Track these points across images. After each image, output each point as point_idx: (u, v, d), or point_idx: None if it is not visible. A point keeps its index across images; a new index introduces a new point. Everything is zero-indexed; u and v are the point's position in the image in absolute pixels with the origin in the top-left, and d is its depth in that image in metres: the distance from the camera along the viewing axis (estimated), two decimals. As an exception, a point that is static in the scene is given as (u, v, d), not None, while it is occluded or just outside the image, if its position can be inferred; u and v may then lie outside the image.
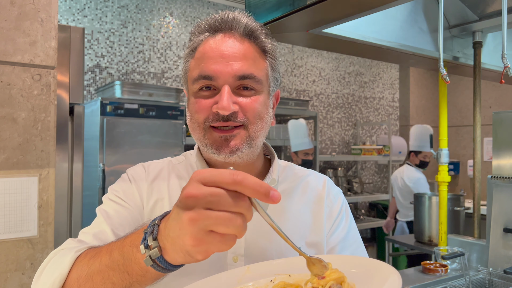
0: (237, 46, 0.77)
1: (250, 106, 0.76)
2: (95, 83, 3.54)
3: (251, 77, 0.76)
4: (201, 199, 0.47)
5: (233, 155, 0.76)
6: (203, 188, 0.47)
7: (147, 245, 0.54)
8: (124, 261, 0.58)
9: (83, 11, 3.49)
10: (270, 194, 0.47)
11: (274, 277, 0.66)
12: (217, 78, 0.75)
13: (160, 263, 0.54)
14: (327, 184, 0.92)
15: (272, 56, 0.82)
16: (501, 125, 2.09)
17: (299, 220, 0.86)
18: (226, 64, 0.75)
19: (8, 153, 1.25)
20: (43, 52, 1.31)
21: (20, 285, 1.27)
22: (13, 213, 1.25)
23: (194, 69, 0.79)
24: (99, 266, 0.61)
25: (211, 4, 4.18)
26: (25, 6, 1.28)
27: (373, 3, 1.54)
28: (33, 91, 1.30)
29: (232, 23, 0.78)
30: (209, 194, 0.47)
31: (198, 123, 0.77)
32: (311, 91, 4.94)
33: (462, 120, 5.44)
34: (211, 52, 0.76)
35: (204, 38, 0.79)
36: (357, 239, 0.90)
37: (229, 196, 0.47)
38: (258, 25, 0.80)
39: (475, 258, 2.13)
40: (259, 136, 0.79)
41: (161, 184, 0.85)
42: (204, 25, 0.80)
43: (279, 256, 0.80)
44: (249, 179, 0.47)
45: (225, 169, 0.48)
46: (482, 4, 2.12)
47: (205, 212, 0.47)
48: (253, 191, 0.47)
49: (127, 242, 0.59)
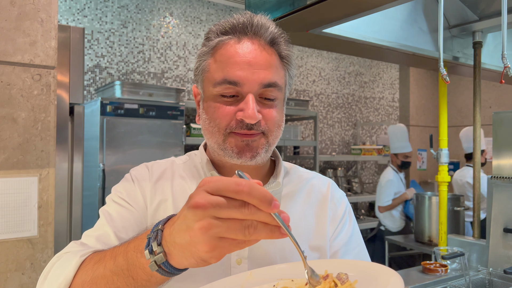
0: (263, 54, 0.76)
1: (271, 115, 0.77)
2: (95, 83, 3.54)
3: (274, 85, 0.77)
4: (208, 208, 0.48)
5: (252, 159, 0.77)
6: (209, 198, 0.49)
7: (152, 251, 0.54)
8: (128, 266, 0.58)
9: (83, 11, 3.49)
10: (272, 204, 0.48)
11: (276, 282, 0.66)
12: (243, 84, 0.74)
13: (165, 267, 0.55)
14: (331, 187, 0.93)
15: (289, 62, 0.82)
16: (501, 125, 2.09)
17: (302, 223, 0.86)
18: (252, 71, 0.74)
19: (8, 153, 1.25)
20: (43, 52, 1.31)
21: (20, 285, 1.27)
22: (13, 213, 1.25)
23: (216, 71, 0.77)
24: (104, 271, 0.61)
25: (211, 4, 4.18)
26: (25, 6, 1.28)
27: (373, 3, 1.54)
28: (33, 91, 1.30)
29: (259, 29, 0.77)
30: (216, 204, 0.48)
31: (219, 128, 0.77)
32: (311, 91, 4.94)
33: (462, 120, 5.44)
34: (237, 57, 0.75)
35: (228, 39, 0.77)
36: (360, 243, 0.90)
37: (235, 205, 0.48)
38: (280, 32, 0.80)
39: (475, 258, 2.13)
40: (275, 142, 0.81)
41: (164, 185, 0.84)
42: (228, 25, 0.78)
43: (282, 259, 0.80)
44: (254, 190, 0.48)
45: (232, 176, 0.50)
46: (482, 4, 2.12)
47: (214, 221, 0.48)
48: (257, 201, 0.48)
49: (131, 247, 0.59)
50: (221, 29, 0.79)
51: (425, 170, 5.62)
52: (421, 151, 5.60)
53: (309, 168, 4.27)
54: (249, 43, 0.76)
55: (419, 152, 5.58)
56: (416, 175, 5.57)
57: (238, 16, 0.79)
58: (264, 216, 0.49)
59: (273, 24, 0.79)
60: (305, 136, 4.82)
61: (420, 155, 5.58)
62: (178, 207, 0.82)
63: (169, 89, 3.12)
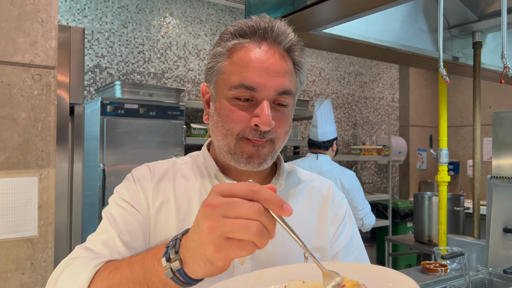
0: (281, 62, 0.76)
1: (282, 123, 0.78)
2: (95, 83, 3.54)
3: (289, 93, 0.77)
4: (217, 207, 0.50)
5: (260, 166, 0.77)
6: (221, 199, 0.50)
7: (169, 258, 0.56)
8: (145, 274, 0.59)
9: (83, 11, 3.50)
10: (284, 207, 0.51)
11: (288, 283, 0.65)
12: (260, 91, 0.74)
13: (180, 275, 0.55)
14: (332, 189, 0.93)
15: (301, 69, 0.82)
16: (500, 125, 2.09)
17: (303, 224, 0.86)
18: (270, 78, 0.74)
19: (8, 153, 1.25)
20: (43, 52, 1.31)
21: (20, 285, 1.27)
22: (13, 213, 1.25)
23: (232, 74, 0.76)
24: (120, 279, 0.62)
25: (211, 4, 4.18)
26: (25, 6, 1.28)
27: (373, 3, 1.55)
28: (33, 91, 1.30)
29: (279, 36, 0.77)
30: (226, 203, 0.50)
31: (232, 132, 0.77)
32: (311, 91, 4.94)
33: (461, 120, 5.44)
34: (256, 62, 0.75)
35: (247, 43, 0.76)
36: (360, 245, 0.91)
37: (244, 204, 0.50)
38: (298, 40, 0.80)
39: (474, 258, 2.13)
40: (281, 148, 0.82)
41: (166, 185, 0.84)
42: (248, 29, 0.77)
43: (285, 259, 0.80)
44: (265, 191, 0.50)
45: (244, 182, 0.52)
46: (482, 4, 2.12)
47: (222, 219, 0.49)
48: (268, 202, 0.50)
49: (148, 255, 0.60)
50: (240, 31, 0.78)
51: (425, 170, 5.62)
52: (421, 151, 5.60)
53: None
54: (268, 49, 0.76)
55: (418, 152, 5.58)
56: (415, 175, 5.58)
57: (257, 19, 0.78)
58: (271, 219, 0.51)
59: (292, 32, 0.79)
60: (305, 136, 4.83)
61: (419, 155, 5.58)
62: (180, 208, 0.82)
63: (169, 89, 3.12)
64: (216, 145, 0.83)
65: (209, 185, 0.85)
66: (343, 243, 0.88)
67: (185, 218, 0.81)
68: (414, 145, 5.57)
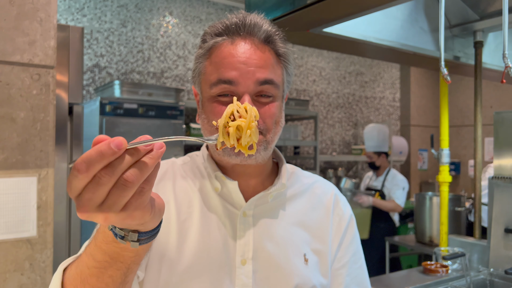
0: (257, 53, 0.77)
1: (268, 113, 0.77)
2: (94, 83, 3.53)
3: (271, 82, 0.77)
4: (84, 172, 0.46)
5: (251, 157, 0.76)
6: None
7: (122, 236, 0.55)
8: (111, 254, 0.58)
9: (82, 11, 3.49)
10: (112, 145, 0.45)
11: None
12: (238, 83, 0.75)
13: (142, 237, 0.55)
14: (335, 193, 0.94)
15: (286, 60, 0.82)
16: (502, 125, 2.08)
17: (304, 225, 0.86)
18: (247, 70, 0.75)
19: (7, 153, 1.25)
20: (42, 52, 1.30)
21: (19, 285, 1.26)
22: (12, 213, 1.25)
23: (212, 73, 0.78)
24: (89, 270, 0.61)
25: (210, 3, 4.17)
26: (24, 5, 1.27)
27: (373, 2, 1.54)
28: (32, 90, 1.29)
29: (252, 29, 0.78)
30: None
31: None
32: (311, 91, 4.93)
33: (463, 120, 5.43)
34: (231, 57, 0.76)
35: (222, 41, 0.78)
36: (361, 250, 0.93)
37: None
38: (275, 30, 0.81)
39: (476, 258, 2.12)
40: (274, 139, 0.81)
41: (166, 186, 0.84)
42: (221, 27, 0.79)
43: (286, 260, 0.81)
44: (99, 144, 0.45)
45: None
46: (483, 3, 2.11)
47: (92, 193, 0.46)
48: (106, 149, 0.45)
49: (100, 242, 0.58)
50: (215, 30, 0.79)
51: (426, 170, 5.61)
52: (422, 151, 5.60)
53: (310, 168, 4.26)
54: (243, 43, 0.77)
55: (419, 152, 5.58)
56: (417, 175, 5.57)
57: (231, 16, 0.79)
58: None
59: (267, 23, 0.79)
60: (305, 136, 4.82)
61: (421, 155, 5.57)
62: (180, 208, 0.81)
63: (169, 89, 3.11)
64: (208, 144, 0.83)
65: (209, 185, 0.84)
66: (351, 251, 0.90)
67: (186, 220, 0.80)
68: (415, 145, 5.56)
